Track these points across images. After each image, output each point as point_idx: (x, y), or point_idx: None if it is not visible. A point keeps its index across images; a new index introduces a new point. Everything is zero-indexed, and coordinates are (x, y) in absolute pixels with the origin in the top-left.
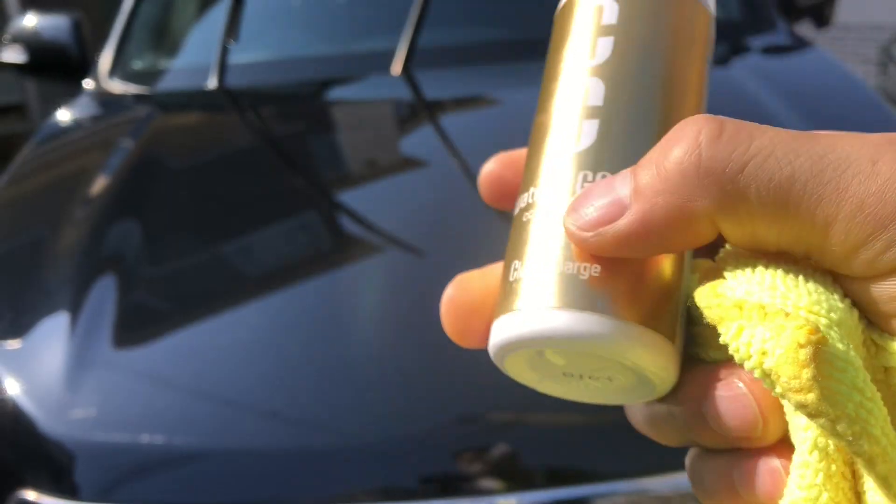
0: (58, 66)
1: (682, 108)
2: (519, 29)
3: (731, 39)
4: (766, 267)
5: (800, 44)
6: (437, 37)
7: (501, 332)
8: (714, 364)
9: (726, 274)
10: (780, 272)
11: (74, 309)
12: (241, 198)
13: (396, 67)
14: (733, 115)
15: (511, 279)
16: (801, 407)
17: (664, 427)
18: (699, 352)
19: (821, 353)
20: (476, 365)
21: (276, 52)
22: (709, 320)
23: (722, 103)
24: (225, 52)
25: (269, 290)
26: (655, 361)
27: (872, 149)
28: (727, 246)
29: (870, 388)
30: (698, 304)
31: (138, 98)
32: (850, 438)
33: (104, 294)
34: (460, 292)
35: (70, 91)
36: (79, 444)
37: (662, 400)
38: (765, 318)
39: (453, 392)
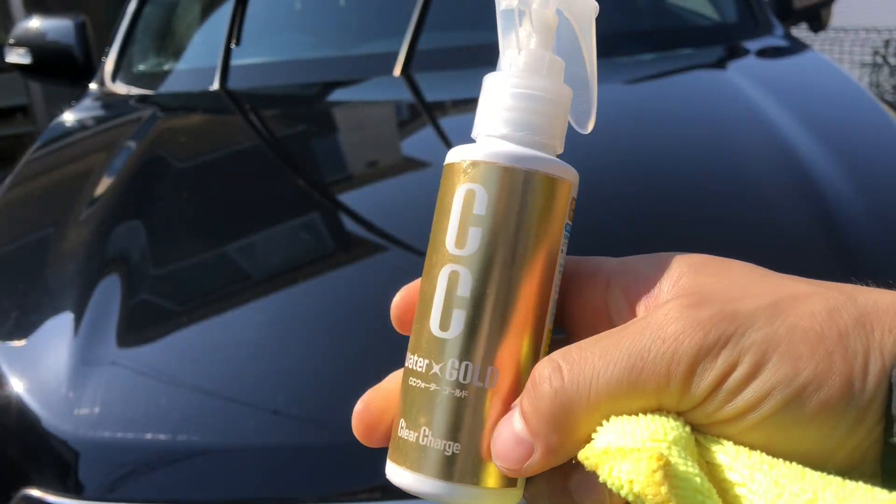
0: (62, 68)
1: (537, 298)
2: None
3: (727, 42)
4: (616, 418)
5: (796, 46)
6: (437, 39)
7: (393, 475)
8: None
9: (593, 435)
10: (625, 419)
11: (79, 308)
12: (243, 198)
13: (397, 70)
14: (731, 117)
15: (400, 434)
16: None
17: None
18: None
19: (669, 471)
20: None
21: (279, 54)
22: (589, 469)
23: (719, 106)
24: (228, 54)
25: (272, 289)
26: (497, 502)
27: (656, 328)
28: None
29: (706, 485)
30: (580, 460)
31: (142, 100)
32: None
33: (108, 293)
34: (365, 410)
35: (74, 93)
36: (83, 442)
37: (538, 486)
38: (625, 456)
39: None
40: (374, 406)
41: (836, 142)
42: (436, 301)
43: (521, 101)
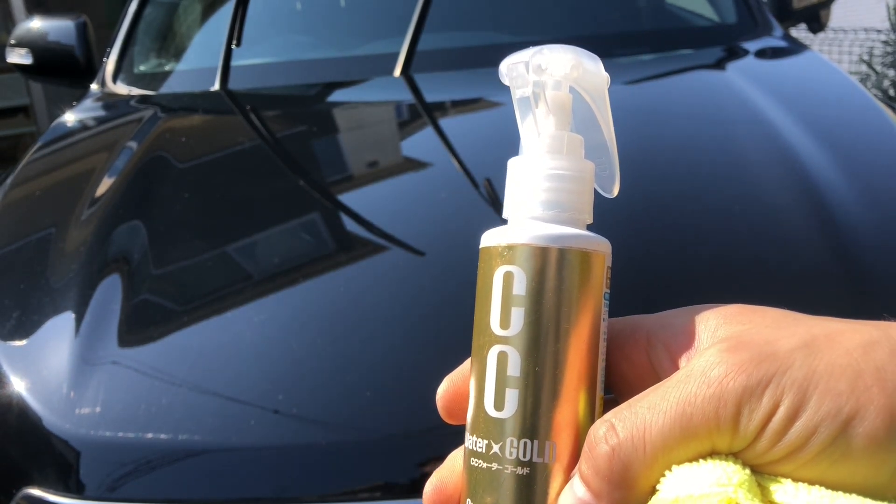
0: (63, 69)
1: (586, 368)
2: (517, 32)
3: (727, 43)
4: (678, 465)
5: (795, 47)
6: (437, 40)
7: None
8: None
9: (657, 486)
10: (688, 467)
11: (80, 308)
12: (244, 198)
13: (397, 70)
14: (730, 118)
15: None
16: None
17: None
18: None
19: None
20: None
21: (279, 55)
22: None
23: (718, 107)
24: (229, 55)
25: (272, 289)
26: None
27: (699, 374)
28: None
29: None
30: None
31: (143, 100)
32: None
33: (109, 293)
34: (434, 493)
35: (76, 93)
36: (84, 442)
37: None
38: (695, 502)
39: None
40: (441, 486)
41: (835, 142)
42: (488, 382)
43: (547, 182)
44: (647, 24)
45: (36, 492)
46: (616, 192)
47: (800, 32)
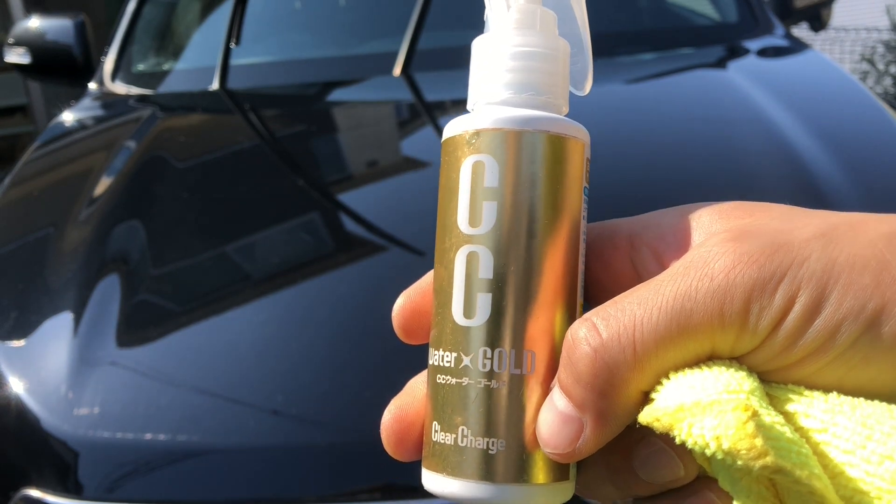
0: (62, 68)
1: (566, 268)
2: None
3: (728, 42)
4: (675, 374)
5: (796, 46)
6: (437, 39)
7: (433, 484)
8: (628, 432)
9: (652, 395)
10: (689, 373)
11: (79, 308)
12: (243, 198)
13: (397, 69)
14: (731, 117)
15: (435, 439)
16: (763, 469)
17: (606, 489)
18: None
19: (759, 422)
20: None
21: (278, 54)
22: (660, 431)
23: (720, 106)
24: (227, 54)
25: (271, 289)
26: (551, 500)
27: (701, 266)
28: None
29: (796, 435)
30: (643, 424)
31: (142, 99)
32: (806, 481)
33: (108, 293)
34: (393, 421)
35: (74, 93)
36: (83, 442)
37: (595, 472)
38: (705, 410)
39: None
40: (402, 414)
41: (836, 141)
42: (456, 287)
43: (519, 61)
44: (648, 23)
45: (34, 492)
46: (588, 89)
47: (801, 31)
